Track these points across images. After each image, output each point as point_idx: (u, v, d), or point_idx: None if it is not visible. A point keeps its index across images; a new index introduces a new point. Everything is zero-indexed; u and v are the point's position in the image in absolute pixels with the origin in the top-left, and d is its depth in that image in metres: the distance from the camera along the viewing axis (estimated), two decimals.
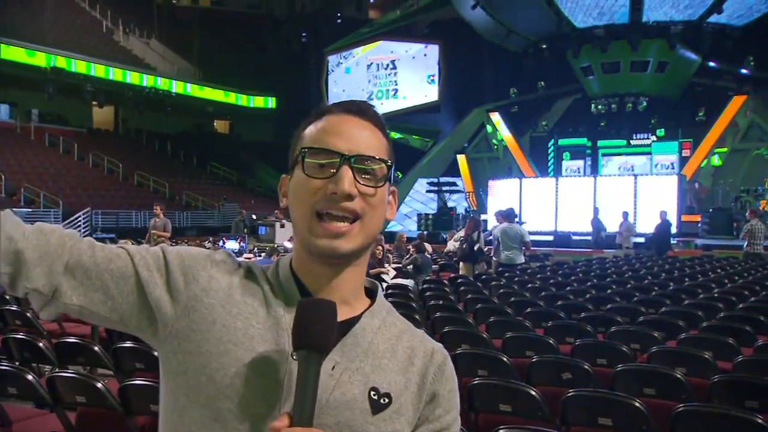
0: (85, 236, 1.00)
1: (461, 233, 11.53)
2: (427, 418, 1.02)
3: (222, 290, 1.00)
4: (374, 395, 0.96)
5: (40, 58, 24.90)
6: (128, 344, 4.10)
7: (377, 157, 1.00)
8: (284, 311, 0.99)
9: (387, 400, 0.97)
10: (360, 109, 1.05)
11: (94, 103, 29.23)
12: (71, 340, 4.38)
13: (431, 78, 30.11)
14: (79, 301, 0.95)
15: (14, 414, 3.47)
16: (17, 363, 4.09)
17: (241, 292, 1.00)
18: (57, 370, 3.59)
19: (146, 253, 1.00)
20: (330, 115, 1.04)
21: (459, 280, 8.94)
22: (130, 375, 3.84)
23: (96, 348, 4.16)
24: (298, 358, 0.89)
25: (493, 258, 10.97)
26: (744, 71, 22.37)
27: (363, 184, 0.97)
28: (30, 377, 3.33)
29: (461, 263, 10.91)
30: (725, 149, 22.43)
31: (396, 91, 31.04)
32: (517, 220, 12.32)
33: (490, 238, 11.28)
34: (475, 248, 10.44)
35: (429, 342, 1.08)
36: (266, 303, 1.00)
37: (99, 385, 3.17)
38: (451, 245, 15.30)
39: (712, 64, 22.72)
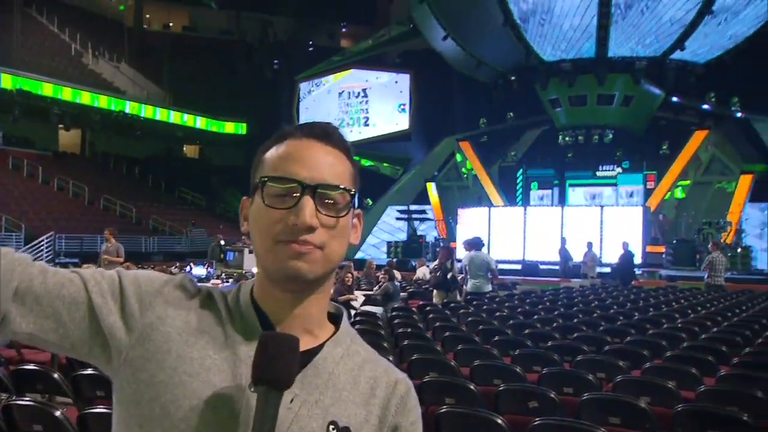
0: (48, 261, 0.96)
1: (435, 262, 11.53)
2: None
3: (179, 318, 0.96)
4: (333, 429, 0.93)
5: (6, 80, 24.59)
6: (89, 371, 4.00)
7: (340, 186, 0.96)
8: (242, 341, 0.95)
9: None
10: (324, 133, 1.00)
11: (60, 126, 28.93)
12: (29, 367, 4.27)
13: (402, 107, 30.32)
14: (29, 328, 0.90)
15: None
16: None
17: (198, 321, 0.96)
18: (14, 397, 3.48)
19: (101, 278, 0.95)
20: (292, 139, 0.99)
21: (427, 308, 8.93)
22: (90, 403, 3.75)
23: (55, 375, 4.05)
24: (257, 393, 0.86)
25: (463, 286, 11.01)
26: (705, 107, 22.80)
27: (325, 215, 0.94)
28: None
29: (435, 291, 10.92)
30: (688, 182, 22.83)
31: (367, 119, 31.20)
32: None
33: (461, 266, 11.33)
34: (448, 276, 10.46)
35: (392, 372, 1.04)
36: (224, 332, 0.96)
37: (57, 413, 3.08)
38: (420, 273, 15.34)
39: (675, 99, 23.14)
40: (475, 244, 10.81)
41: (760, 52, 21.33)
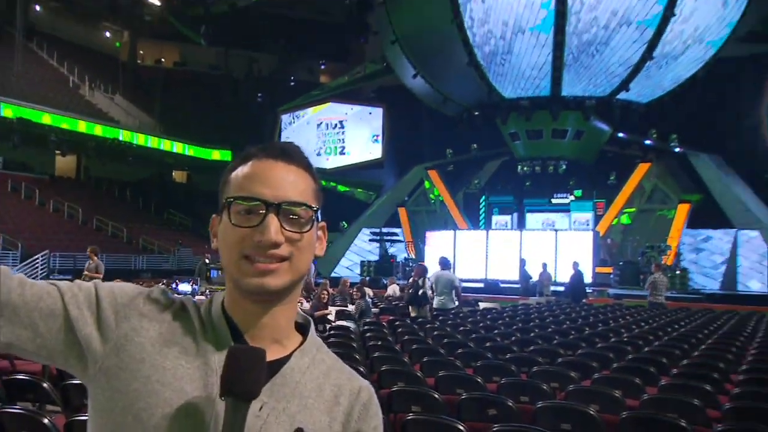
0: (42, 277, 0.93)
1: (410, 280, 11.50)
2: None
3: (153, 329, 0.93)
4: None
5: (7, 110, 24.38)
6: (77, 381, 3.89)
7: (303, 203, 0.94)
8: (214, 351, 0.93)
9: None
10: (286, 153, 0.98)
11: (57, 152, 28.54)
12: (21, 377, 4.16)
13: (375, 137, 30.45)
14: (6, 338, 0.88)
15: None
16: None
17: (171, 332, 0.94)
18: (5, 406, 3.40)
19: (78, 291, 0.92)
20: (256, 160, 0.97)
21: (397, 323, 8.90)
22: (78, 411, 3.66)
23: (45, 385, 3.95)
24: (225, 404, 0.84)
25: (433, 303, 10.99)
26: (648, 142, 23.18)
27: (289, 230, 0.92)
28: None
29: (410, 306, 10.88)
30: (633, 209, 23.15)
31: (343, 148, 31.27)
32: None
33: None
34: (420, 293, 10.46)
35: (356, 380, 1.02)
36: (196, 343, 0.94)
37: (45, 420, 3.00)
38: (391, 290, 15.30)
39: (621, 134, 23.51)
40: (442, 264, 10.86)
41: (696, 94, 21.87)
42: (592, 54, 20.36)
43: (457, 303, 10.63)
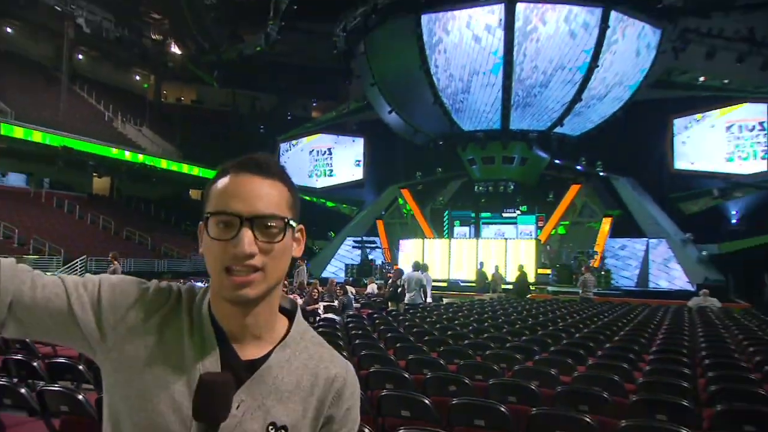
0: (81, 274, 0.91)
1: (390, 280, 11.48)
2: None
3: (147, 330, 0.89)
4: (271, 429, 0.87)
5: (53, 140, 24.14)
6: None
7: (274, 215, 0.87)
8: (199, 352, 0.88)
9: (284, 431, 0.88)
10: (259, 166, 0.89)
11: (94, 174, 28.29)
12: (60, 360, 4.10)
13: (358, 162, 30.45)
14: (21, 334, 0.87)
15: (9, 421, 3.24)
16: (15, 379, 3.80)
17: (163, 333, 0.89)
18: (47, 384, 3.35)
19: (83, 291, 0.88)
20: (232, 175, 0.89)
21: (375, 315, 8.87)
22: None
23: (80, 367, 3.91)
24: (195, 426, 0.81)
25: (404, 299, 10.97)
26: (579, 167, 23.45)
27: (262, 241, 0.86)
28: (23, 390, 3.11)
29: (389, 301, 10.86)
30: (567, 222, 23.40)
31: (331, 170, 31.23)
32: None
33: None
34: (398, 291, 10.48)
35: (333, 367, 0.95)
36: (183, 345, 0.88)
37: (80, 396, 2.98)
38: (370, 288, 15.24)
39: (557, 161, 23.76)
40: (414, 267, 10.91)
41: (617, 129, 22.24)
42: (535, 95, 20.57)
43: (423, 299, 10.62)
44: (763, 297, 17.92)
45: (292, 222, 0.90)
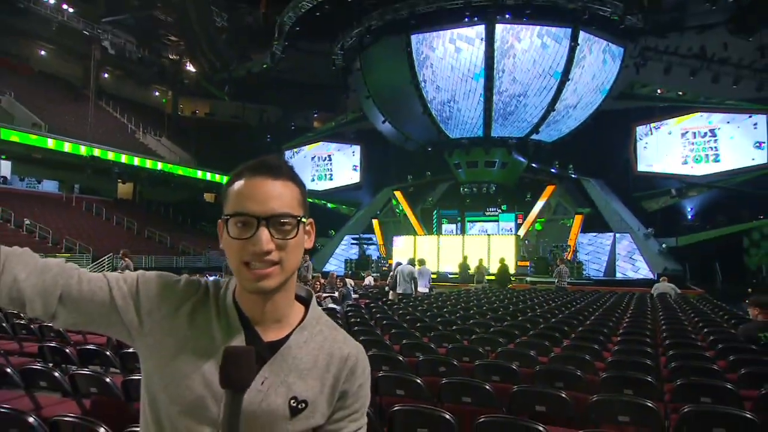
0: (109, 270, 0.92)
1: (391, 273, 11.47)
2: (341, 407, 0.94)
3: (180, 316, 0.90)
4: (293, 403, 0.87)
5: (83, 150, 24.09)
6: (131, 350, 3.86)
7: (288, 213, 0.87)
8: (226, 335, 0.88)
9: (304, 405, 0.88)
10: (271, 169, 0.89)
11: (119, 180, 28.17)
12: (90, 347, 4.09)
13: (355, 167, 30.39)
14: (70, 323, 0.89)
15: (44, 401, 3.24)
16: (51, 364, 3.78)
17: (194, 319, 0.90)
18: (78, 369, 3.34)
19: (123, 284, 0.90)
20: (246, 177, 0.88)
21: (372, 305, 8.86)
22: (132, 372, 3.61)
23: (108, 353, 3.90)
24: (225, 394, 0.80)
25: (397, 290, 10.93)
26: (553, 170, 23.46)
27: (278, 239, 0.86)
28: (57, 374, 3.10)
29: (391, 291, 10.84)
30: (543, 219, 23.41)
31: (331, 175, 31.19)
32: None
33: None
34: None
35: (346, 347, 0.95)
36: (212, 328, 0.89)
37: (107, 379, 2.98)
38: (367, 281, 15.23)
39: (534, 164, 23.80)
40: (409, 261, 10.94)
41: (586, 135, 22.32)
42: (516, 105, 20.60)
43: (415, 290, 10.56)
44: (715, 284, 18.06)
45: (303, 218, 0.90)
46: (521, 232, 22.86)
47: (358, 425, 0.96)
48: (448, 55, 20.21)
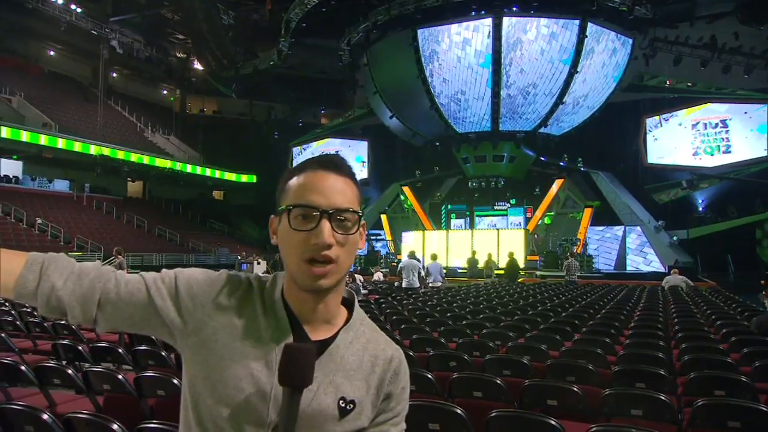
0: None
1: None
2: (384, 410, 0.92)
3: (224, 313, 0.88)
4: (342, 403, 0.86)
5: (92, 149, 24.30)
6: (144, 347, 3.90)
7: (350, 209, 0.86)
8: (274, 333, 0.87)
9: (352, 406, 0.87)
10: (335, 165, 0.89)
11: (128, 179, 28.43)
12: (103, 344, 4.12)
13: (363, 162, 30.36)
14: (111, 326, 0.88)
15: (58, 398, 3.28)
16: (64, 362, 3.83)
17: (239, 315, 0.88)
18: (91, 366, 3.37)
19: (161, 284, 0.88)
20: (310, 171, 0.88)
21: (381, 300, 8.87)
22: (144, 369, 3.64)
23: (120, 350, 3.94)
24: (283, 392, 0.79)
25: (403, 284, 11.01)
26: (562, 163, 23.37)
27: (339, 233, 0.85)
28: (70, 371, 3.13)
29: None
30: (552, 213, 23.33)
31: None
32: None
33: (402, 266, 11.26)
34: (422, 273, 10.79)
35: (389, 349, 0.94)
36: (260, 325, 0.87)
37: (120, 376, 3.01)
38: (377, 276, 15.22)
39: (542, 158, 23.69)
40: (410, 256, 10.98)
41: (595, 127, 22.16)
42: (523, 97, 20.45)
43: (422, 284, 10.62)
44: (727, 276, 17.87)
45: (362, 216, 0.90)
46: (530, 226, 22.75)
47: (398, 430, 0.94)
48: (455, 46, 20.10)
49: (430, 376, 3.21)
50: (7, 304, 6.72)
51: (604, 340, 4.68)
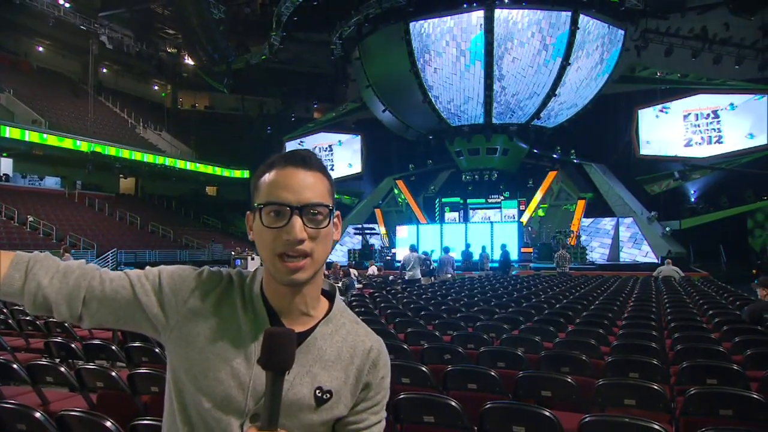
0: (113, 268, 0.93)
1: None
2: (363, 399, 0.94)
3: (205, 308, 0.90)
4: (319, 393, 0.88)
5: (83, 145, 24.00)
6: (137, 344, 3.88)
7: (320, 203, 0.88)
8: (253, 326, 0.89)
9: (329, 396, 0.89)
10: (303, 160, 0.90)
11: (120, 175, 28.27)
12: (96, 342, 4.11)
13: (356, 157, 30.35)
14: (96, 323, 0.91)
15: (52, 396, 3.26)
16: (57, 359, 3.80)
17: (219, 311, 0.90)
18: (84, 363, 3.35)
19: (145, 280, 0.91)
20: (278, 168, 0.89)
21: (375, 294, 8.88)
22: (137, 366, 3.63)
23: (113, 347, 3.93)
24: (266, 376, 0.80)
25: (405, 276, 11.15)
26: (555, 156, 23.45)
27: (310, 228, 0.86)
28: (63, 369, 3.12)
29: (422, 277, 11.26)
30: (546, 205, 23.35)
31: (332, 166, 31.03)
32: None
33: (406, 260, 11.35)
34: (431, 267, 10.85)
35: (368, 340, 0.96)
36: (238, 320, 0.90)
37: (113, 373, 3.00)
38: (371, 271, 15.21)
39: (535, 150, 23.74)
40: (412, 249, 11.08)
41: (588, 119, 22.21)
42: (513, 93, 20.43)
43: (420, 276, 10.74)
44: (719, 266, 18.03)
45: (333, 209, 0.92)
46: (524, 218, 22.81)
47: (379, 418, 0.97)
48: (447, 39, 20.02)
49: (424, 368, 3.22)
50: None
51: (598, 331, 4.70)
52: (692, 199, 22.09)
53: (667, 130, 22.91)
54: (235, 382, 0.86)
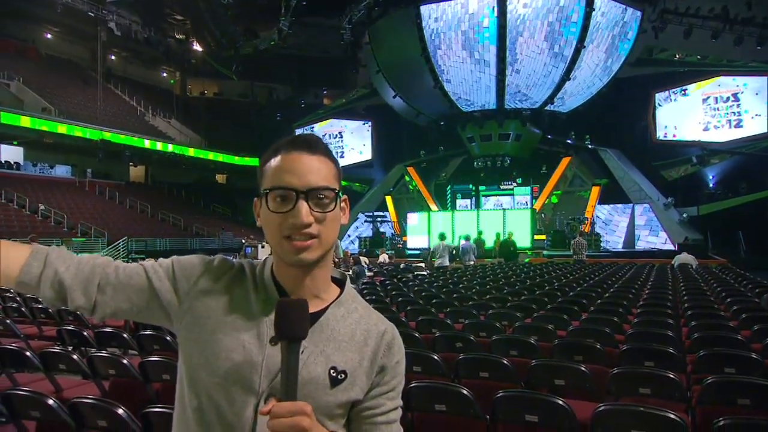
0: (123, 258, 0.93)
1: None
2: (378, 384, 0.94)
3: (216, 291, 0.92)
4: (333, 373, 0.89)
5: (93, 134, 24.21)
6: (148, 332, 3.94)
7: (326, 186, 0.88)
8: (264, 307, 0.90)
9: (343, 376, 0.89)
10: (308, 144, 0.91)
11: (130, 163, 28.47)
12: (108, 330, 4.17)
13: (366, 143, 30.28)
14: (111, 310, 0.91)
15: (64, 384, 3.33)
16: (70, 347, 3.87)
17: (231, 293, 0.92)
18: (96, 351, 3.41)
19: (159, 267, 0.93)
20: (283, 153, 0.90)
21: (386, 282, 8.91)
22: (149, 354, 3.68)
23: (125, 335, 3.99)
24: (281, 346, 0.81)
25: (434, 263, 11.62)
26: (569, 141, 23.19)
27: (317, 212, 0.87)
28: (75, 357, 3.17)
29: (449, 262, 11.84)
30: (560, 192, 23.22)
31: (342, 152, 31.05)
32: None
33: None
34: (453, 253, 11.30)
35: (381, 324, 0.97)
36: (250, 301, 0.91)
37: (125, 361, 3.05)
38: (382, 258, 15.26)
39: (549, 136, 23.48)
40: (442, 237, 11.38)
41: (603, 105, 21.87)
42: (528, 76, 20.16)
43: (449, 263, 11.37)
44: (738, 253, 17.79)
45: (340, 192, 0.92)
46: (537, 205, 22.66)
47: (395, 404, 0.96)
48: (459, 23, 19.76)
49: (436, 357, 3.22)
50: (12, 290, 6.79)
51: (612, 319, 4.67)
52: (711, 185, 21.76)
53: (685, 114, 22.51)
54: (246, 361, 0.87)
